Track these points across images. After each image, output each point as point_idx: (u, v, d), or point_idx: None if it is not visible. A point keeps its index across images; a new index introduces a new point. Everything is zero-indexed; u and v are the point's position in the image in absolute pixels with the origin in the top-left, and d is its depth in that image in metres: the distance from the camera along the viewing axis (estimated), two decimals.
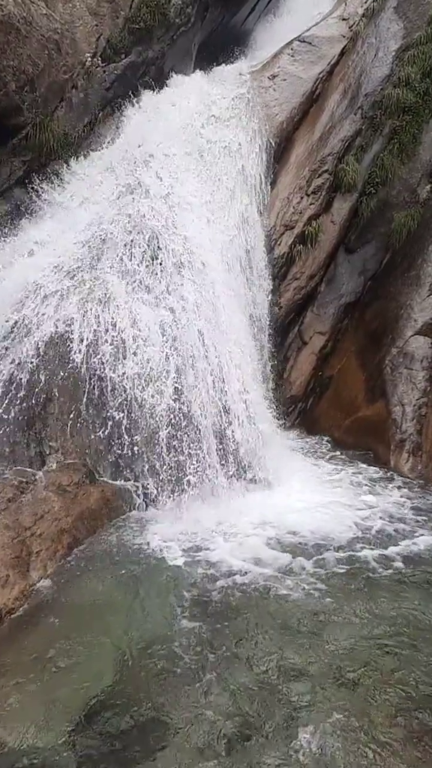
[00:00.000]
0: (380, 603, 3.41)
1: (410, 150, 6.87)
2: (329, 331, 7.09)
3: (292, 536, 4.23)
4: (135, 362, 4.75)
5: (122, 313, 4.89)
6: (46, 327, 4.76)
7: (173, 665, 2.88)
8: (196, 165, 6.45)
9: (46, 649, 3.00)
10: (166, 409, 4.70)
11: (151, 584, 3.56)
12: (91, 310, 4.83)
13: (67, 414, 4.67)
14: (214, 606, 3.35)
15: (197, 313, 5.18)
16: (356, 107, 7.26)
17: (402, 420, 5.96)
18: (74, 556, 3.99)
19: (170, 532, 4.23)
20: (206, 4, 7.65)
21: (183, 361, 4.88)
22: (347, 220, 7.13)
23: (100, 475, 4.68)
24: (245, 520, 4.42)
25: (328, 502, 4.83)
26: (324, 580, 3.65)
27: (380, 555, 4.00)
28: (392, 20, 7.51)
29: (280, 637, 3.08)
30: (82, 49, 6.00)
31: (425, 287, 6.37)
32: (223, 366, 5.14)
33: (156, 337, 4.90)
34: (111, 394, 4.67)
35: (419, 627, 3.19)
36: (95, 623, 3.21)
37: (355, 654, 2.96)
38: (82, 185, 6.01)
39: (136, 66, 6.74)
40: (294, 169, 7.13)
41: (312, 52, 7.38)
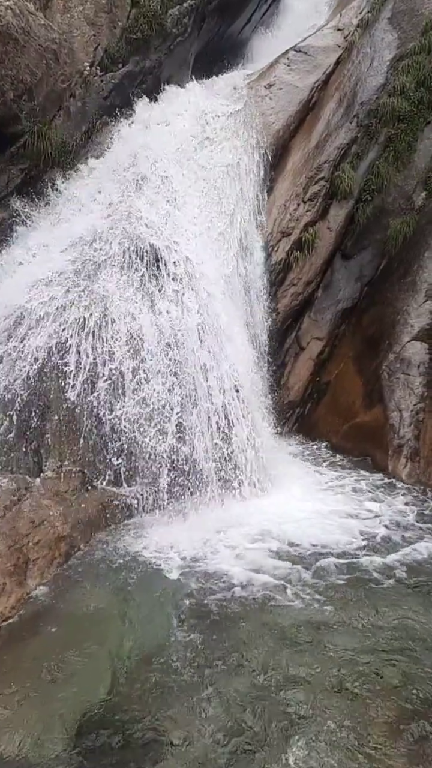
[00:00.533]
0: (381, 612, 3.38)
1: (405, 158, 6.94)
2: (326, 336, 7.12)
3: (291, 545, 4.20)
4: (134, 367, 4.75)
5: (119, 319, 4.89)
6: (45, 335, 4.76)
7: (170, 677, 2.85)
8: (195, 182, 6.50)
9: (42, 659, 2.97)
10: (165, 415, 4.70)
11: (148, 594, 3.54)
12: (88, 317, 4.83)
13: (65, 421, 4.66)
14: (211, 616, 3.33)
15: (198, 318, 5.19)
16: (352, 115, 7.34)
17: (400, 425, 5.97)
18: (71, 563, 3.97)
19: (168, 541, 4.20)
20: (203, 15, 7.74)
21: (180, 365, 4.89)
22: (343, 226, 7.18)
23: (98, 481, 4.66)
24: (244, 528, 4.40)
25: (327, 510, 4.80)
26: (324, 590, 3.62)
27: (381, 563, 3.97)
28: (386, 30, 7.61)
29: (279, 648, 3.06)
30: (80, 59, 6.06)
31: (421, 293, 6.41)
32: (221, 368, 5.15)
33: (153, 337, 4.90)
34: (109, 402, 4.67)
35: (420, 637, 3.17)
36: (92, 633, 3.18)
37: (355, 664, 2.94)
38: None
39: (134, 75, 6.81)
40: (291, 177, 7.19)
41: (308, 62, 7.47)
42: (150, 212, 5.85)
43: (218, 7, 7.99)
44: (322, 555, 4.06)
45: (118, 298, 4.98)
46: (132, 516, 4.62)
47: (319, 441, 6.71)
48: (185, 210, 6.17)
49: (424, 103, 6.99)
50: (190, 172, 6.61)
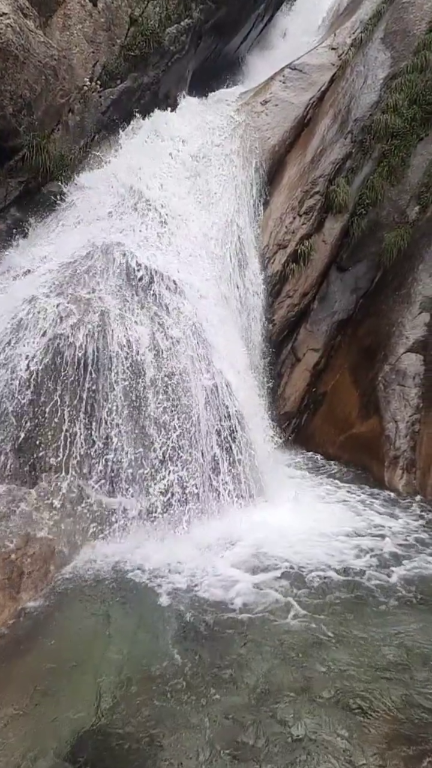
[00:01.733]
0: (379, 629, 3.33)
1: (399, 173, 7.06)
2: (322, 347, 7.16)
3: (287, 561, 4.14)
4: (130, 376, 4.75)
5: (117, 332, 4.90)
6: (42, 345, 4.76)
7: (164, 695, 2.80)
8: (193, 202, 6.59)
9: (33, 676, 2.91)
10: (160, 425, 4.69)
11: (142, 611, 3.48)
12: (87, 329, 4.84)
13: (59, 429, 4.64)
14: (206, 635, 3.28)
15: (193, 328, 5.21)
16: (346, 131, 7.48)
17: (396, 437, 5.97)
18: (65, 577, 3.92)
19: (162, 553, 4.15)
20: (200, 33, 7.91)
21: (178, 377, 4.89)
22: (339, 239, 7.27)
23: (93, 492, 4.62)
24: (240, 542, 4.35)
25: (324, 523, 4.76)
26: (322, 607, 3.56)
27: (379, 578, 3.92)
28: (380, 50, 7.80)
29: (277, 664, 3.01)
30: (78, 75, 6.16)
31: (416, 305, 6.47)
32: (218, 383, 5.15)
33: (150, 347, 4.91)
34: (105, 413, 4.65)
35: (417, 653, 3.13)
36: (84, 650, 3.13)
37: (352, 681, 2.90)
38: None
39: (132, 91, 6.92)
40: (286, 190, 7.30)
41: (303, 79, 7.63)
42: (146, 226, 5.91)
43: (215, 26, 8.18)
44: (319, 570, 4.00)
45: (115, 310, 5.00)
46: (127, 528, 4.57)
47: (315, 452, 6.71)
48: (181, 222, 6.24)
49: (417, 120, 7.14)
50: (187, 185, 6.70)
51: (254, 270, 6.82)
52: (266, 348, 6.79)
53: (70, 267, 5.38)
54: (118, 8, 6.50)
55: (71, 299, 5.05)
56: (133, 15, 6.69)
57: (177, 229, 6.14)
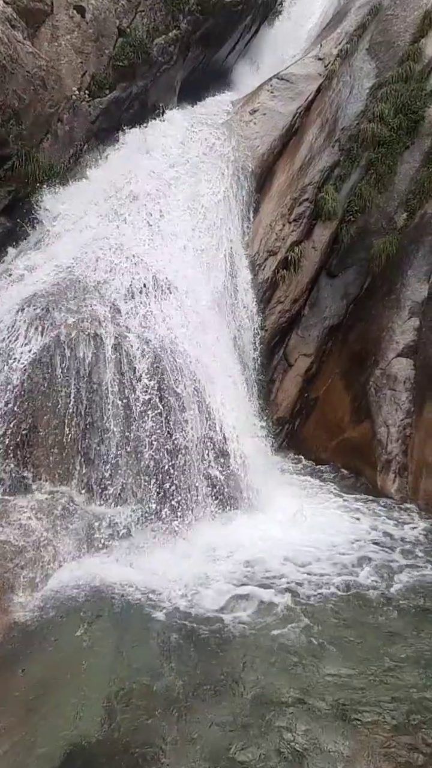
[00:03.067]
0: (378, 638, 3.31)
1: (386, 180, 7.16)
2: (314, 353, 7.19)
3: (282, 568, 4.11)
4: (123, 383, 4.73)
5: (110, 337, 4.88)
6: (33, 352, 4.72)
7: (157, 708, 2.76)
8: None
9: (24, 690, 2.86)
10: (152, 434, 4.66)
11: (133, 622, 3.43)
12: (78, 334, 4.81)
13: (52, 439, 4.59)
14: (200, 645, 3.23)
15: (185, 336, 5.21)
16: (334, 140, 7.58)
17: (387, 441, 6.00)
18: (59, 588, 3.85)
19: (156, 564, 4.10)
20: (188, 44, 8.00)
21: (173, 386, 4.87)
22: (328, 246, 7.33)
23: (87, 501, 4.58)
24: (232, 550, 4.32)
25: (318, 530, 4.73)
26: (319, 617, 3.52)
27: (376, 586, 3.89)
28: (365, 60, 7.94)
29: (273, 676, 2.98)
30: (67, 85, 6.19)
31: (405, 310, 6.53)
32: (209, 390, 5.15)
33: (143, 354, 4.89)
34: (99, 420, 4.62)
35: (417, 661, 3.12)
36: (78, 664, 3.08)
37: (351, 691, 2.87)
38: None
39: (121, 100, 6.97)
40: (276, 198, 7.36)
41: (290, 89, 7.73)
42: (136, 234, 5.92)
43: (202, 37, 8.27)
44: (315, 580, 3.97)
45: (106, 318, 4.98)
46: (122, 537, 4.52)
47: (308, 457, 6.71)
48: (172, 229, 6.26)
49: (403, 129, 7.25)
50: (177, 193, 6.73)
51: (245, 276, 6.85)
52: (258, 354, 6.81)
53: (61, 275, 5.37)
54: (106, 19, 6.56)
55: (63, 308, 5.04)
56: (121, 26, 6.76)
57: (167, 235, 6.15)
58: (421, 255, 6.67)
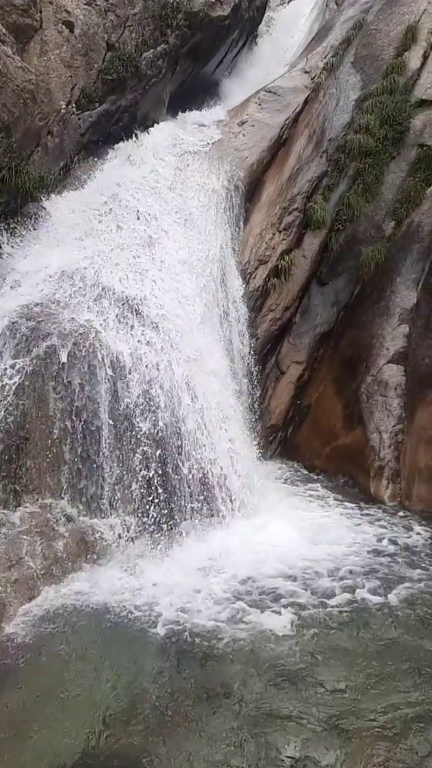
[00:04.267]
0: (377, 649, 3.28)
1: (374, 189, 7.26)
2: (306, 360, 7.22)
3: (278, 578, 4.07)
4: (115, 395, 4.71)
5: (101, 348, 4.87)
6: (25, 363, 4.69)
7: (153, 722, 2.72)
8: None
9: (16, 706, 2.81)
10: (147, 443, 4.64)
11: (128, 635, 3.39)
12: (71, 343, 4.79)
13: (43, 451, 4.56)
14: (195, 660, 3.19)
15: (179, 347, 5.22)
16: (321, 151, 7.69)
17: (380, 447, 6.02)
18: (51, 603, 3.80)
19: (150, 578, 4.05)
20: (176, 58, 8.11)
21: (165, 396, 4.86)
22: (318, 254, 7.41)
23: (79, 513, 4.53)
24: (229, 560, 4.28)
25: (312, 539, 4.70)
26: (316, 627, 3.48)
27: (373, 597, 3.84)
28: (351, 73, 8.09)
29: (268, 690, 2.95)
30: (57, 98, 6.24)
31: (395, 317, 6.60)
32: (202, 400, 5.14)
33: (135, 366, 4.88)
34: (89, 430, 4.59)
35: (414, 675, 3.09)
36: (69, 680, 3.03)
37: (345, 702, 2.85)
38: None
39: (110, 113, 7.03)
40: (266, 207, 7.44)
41: (278, 101, 7.86)
42: (126, 242, 5.94)
43: (190, 51, 8.40)
44: (312, 589, 3.92)
45: (98, 329, 4.98)
46: (114, 549, 4.48)
47: (302, 464, 6.71)
48: (163, 239, 6.29)
49: (389, 140, 7.38)
50: (167, 204, 6.78)
51: (236, 285, 6.89)
52: (250, 362, 6.83)
53: (51, 286, 5.37)
54: (95, 34, 6.64)
55: (53, 317, 5.02)
56: (110, 41, 6.84)
57: (158, 245, 6.18)
58: (409, 263, 6.76)
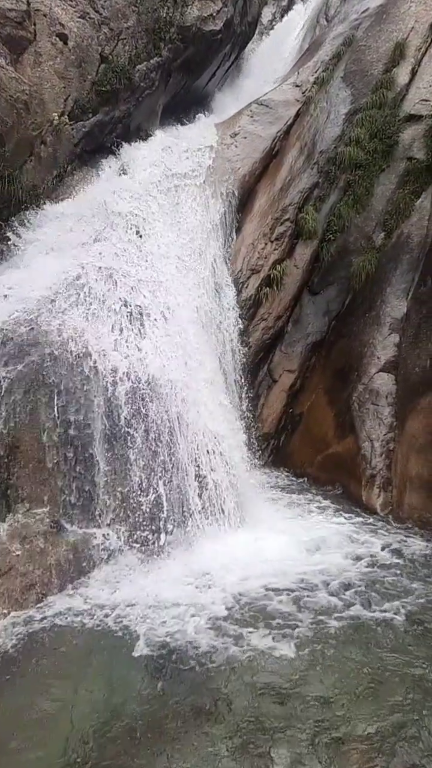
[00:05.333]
0: (370, 659, 3.26)
1: (364, 201, 7.37)
2: (298, 369, 7.26)
3: (271, 591, 4.02)
4: (107, 404, 4.69)
5: (94, 357, 4.85)
6: (16, 372, 4.66)
7: (143, 740, 2.67)
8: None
9: (5, 720, 2.74)
10: (139, 452, 4.61)
11: (119, 650, 3.34)
12: (62, 351, 4.77)
13: (34, 460, 4.51)
14: (188, 674, 3.14)
15: (172, 355, 5.22)
16: (313, 162, 7.81)
17: (371, 455, 6.04)
18: (41, 615, 3.75)
19: (138, 590, 4.00)
20: (169, 71, 8.22)
21: (157, 405, 4.85)
22: (309, 264, 7.48)
23: (69, 522, 4.48)
24: (220, 573, 4.23)
25: (304, 551, 4.66)
26: (310, 639, 3.44)
27: (365, 608, 3.80)
28: (341, 87, 8.25)
29: (261, 703, 2.91)
30: (50, 109, 6.29)
31: (385, 326, 6.66)
32: (195, 409, 5.13)
33: (127, 375, 4.87)
34: (80, 438, 4.56)
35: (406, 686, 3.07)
36: (59, 694, 2.97)
37: (333, 715, 2.82)
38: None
39: (104, 124, 7.09)
40: (258, 218, 7.52)
41: (269, 114, 7.99)
42: (121, 252, 5.96)
43: (183, 64, 8.52)
44: (306, 601, 3.87)
45: (90, 337, 4.97)
46: (105, 560, 4.43)
47: (294, 472, 6.71)
48: (156, 249, 6.32)
49: (379, 153, 7.51)
50: (160, 214, 6.82)
51: (229, 294, 6.93)
52: (243, 370, 6.85)
53: (43, 294, 5.35)
54: (89, 46, 6.71)
55: (46, 327, 5.01)
56: (104, 53, 6.92)
57: (152, 255, 6.21)
58: (399, 273, 6.84)
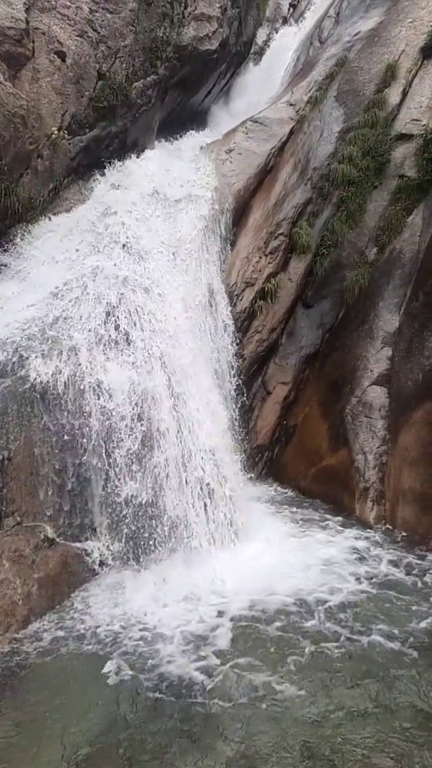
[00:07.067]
0: (365, 682, 3.21)
1: (357, 217, 7.49)
2: (292, 381, 7.29)
3: (261, 610, 3.96)
4: (101, 417, 4.67)
5: (88, 372, 4.84)
6: (8, 383, 4.64)
7: (134, 766, 2.59)
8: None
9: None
10: (132, 466, 4.58)
11: (111, 672, 3.26)
12: (56, 362, 4.76)
13: (24, 472, 4.46)
14: (180, 697, 3.07)
15: (164, 366, 5.22)
16: (306, 179, 7.94)
17: (365, 468, 6.05)
18: (31, 632, 3.68)
19: (130, 607, 3.94)
20: (165, 88, 8.37)
21: (153, 417, 4.83)
22: (303, 278, 7.56)
23: (60, 536, 4.42)
24: (214, 588, 4.18)
25: (298, 566, 4.61)
26: (303, 660, 3.37)
27: (354, 626, 3.72)
28: (334, 107, 8.44)
29: (254, 727, 2.86)
30: (47, 124, 6.36)
31: (378, 340, 6.72)
32: (191, 420, 5.12)
33: (121, 388, 4.85)
34: (73, 451, 4.53)
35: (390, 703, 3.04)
36: (48, 716, 2.90)
37: (323, 731, 2.78)
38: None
39: (100, 139, 7.18)
40: (252, 232, 7.61)
41: (264, 131, 8.14)
42: (115, 263, 5.98)
43: (180, 81, 8.68)
44: (297, 622, 3.80)
45: (84, 349, 4.96)
46: (95, 575, 4.37)
47: (288, 485, 6.69)
48: (152, 262, 6.36)
49: (371, 170, 7.66)
50: (156, 226, 6.88)
51: (223, 307, 6.97)
52: (237, 382, 6.86)
53: (40, 306, 5.36)
54: (87, 64, 6.82)
55: (41, 338, 5.00)
56: (101, 70, 7.03)
57: (148, 267, 6.25)
58: (392, 288, 6.93)
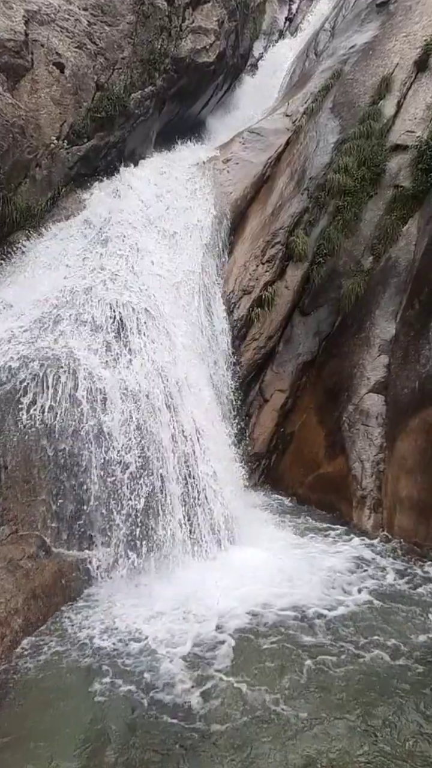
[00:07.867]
0: (361, 691, 3.18)
1: (353, 226, 7.56)
2: (289, 388, 7.30)
3: (259, 621, 3.92)
4: (95, 424, 4.65)
5: (84, 376, 4.84)
6: (4, 390, 4.63)
7: None
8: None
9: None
10: (129, 474, 4.56)
11: (106, 684, 3.21)
12: (49, 371, 4.76)
13: (20, 481, 4.44)
14: (175, 709, 3.02)
15: (163, 374, 5.23)
16: (303, 188, 8.03)
17: (362, 476, 6.04)
18: (27, 643, 3.63)
19: (126, 617, 3.90)
20: (163, 99, 8.48)
21: (145, 420, 4.82)
22: (300, 286, 7.61)
23: (55, 545, 4.39)
24: (212, 598, 4.13)
25: (295, 575, 4.57)
26: (303, 672, 3.33)
27: (354, 639, 3.68)
28: (329, 118, 8.56)
29: (248, 738, 2.83)
30: (46, 134, 6.43)
31: (375, 348, 6.75)
32: (188, 427, 5.12)
33: (118, 396, 4.85)
34: (69, 458, 4.51)
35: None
36: (45, 729, 2.85)
37: (322, 744, 2.74)
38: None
39: (98, 149, 7.25)
40: (249, 240, 7.67)
41: (261, 141, 8.25)
42: (115, 271, 6.01)
43: (177, 93, 8.80)
44: (295, 633, 3.76)
45: (80, 357, 4.96)
46: (91, 583, 4.33)
47: (285, 492, 6.67)
48: (149, 269, 6.39)
49: (366, 180, 7.75)
50: (154, 235, 6.93)
51: (220, 315, 7.00)
52: (234, 389, 6.87)
53: (37, 312, 5.37)
54: (85, 75, 6.91)
55: (35, 347, 5.00)
56: (99, 81, 7.12)
57: (145, 273, 6.28)
58: (388, 296, 6.98)
